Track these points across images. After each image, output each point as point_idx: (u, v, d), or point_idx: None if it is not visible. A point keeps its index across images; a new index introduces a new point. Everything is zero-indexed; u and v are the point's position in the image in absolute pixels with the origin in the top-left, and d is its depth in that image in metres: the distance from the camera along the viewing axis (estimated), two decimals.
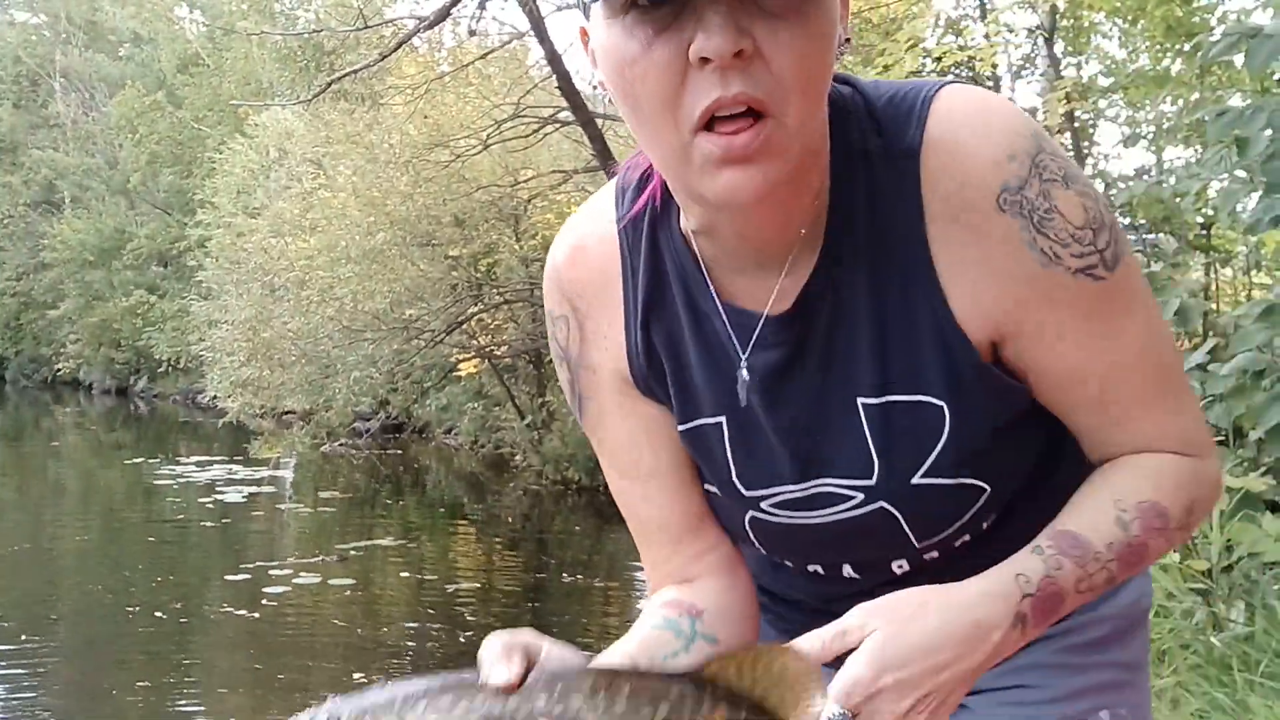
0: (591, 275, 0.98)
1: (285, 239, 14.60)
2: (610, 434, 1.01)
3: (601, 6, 0.79)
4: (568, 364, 1.01)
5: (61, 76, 35.93)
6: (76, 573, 9.36)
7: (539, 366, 15.38)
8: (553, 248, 1.02)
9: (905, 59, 8.27)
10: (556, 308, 1.01)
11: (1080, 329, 0.87)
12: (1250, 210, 3.35)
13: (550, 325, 1.03)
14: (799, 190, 0.86)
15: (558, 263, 1.01)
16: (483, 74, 13.72)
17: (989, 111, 0.86)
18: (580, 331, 0.99)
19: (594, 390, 1.00)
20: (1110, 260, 0.86)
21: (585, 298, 0.98)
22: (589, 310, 0.98)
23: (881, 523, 0.94)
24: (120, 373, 31.66)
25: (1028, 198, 0.84)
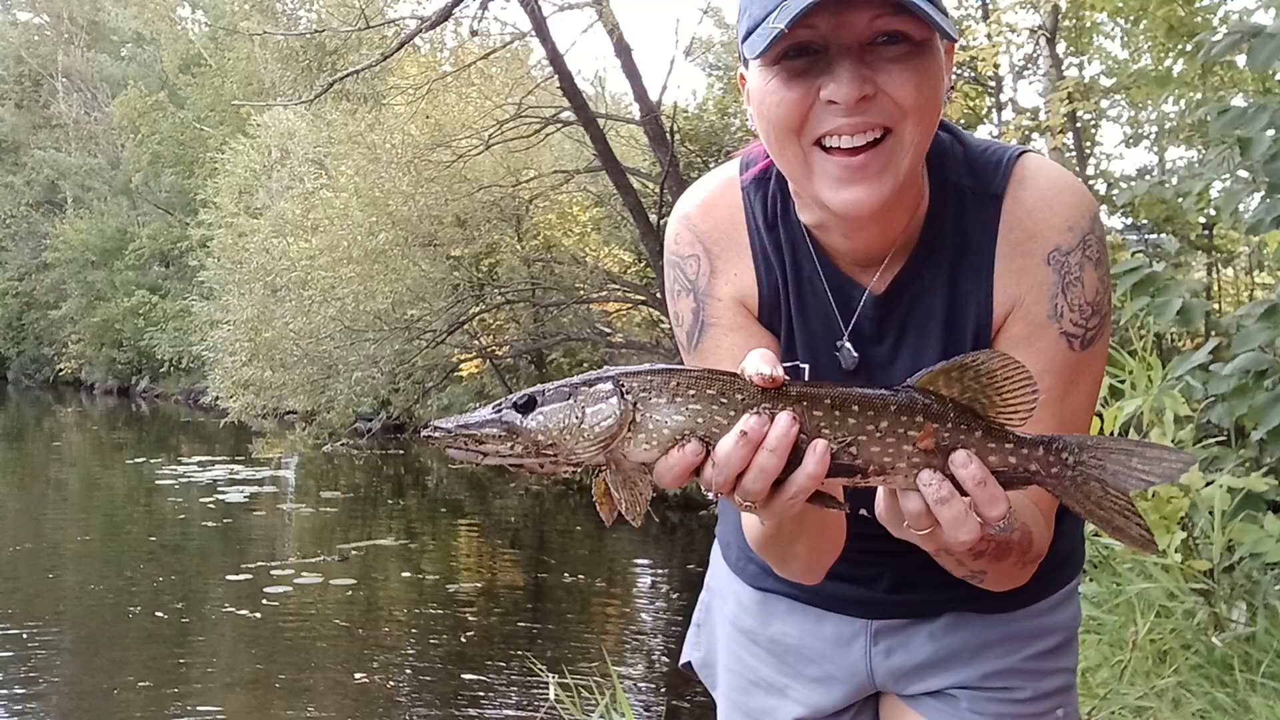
0: (722, 224, 1.21)
1: (287, 239, 14.60)
2: (728, 353, 1.16)
3: (757, 60, 1.03)
4: (694, 295, 1.20)
5: (64, 77, 35.96)
6: (77, 573, 9.36)
7: (540, 366, 15.38)
8: (681, 204, 1.24)
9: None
10: (687, 248, 1.21)
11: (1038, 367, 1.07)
12: (1252, 210, 3.35)
13: (676, 266, 1.21)
14: (900, 211, 1.12)
15: (689, 213, 1.22)
16: (484, 74, 13.72)
17: (1068, 188, 1.14)
18: (711, 267, 1.19)
19: (717, 317, 1.19)
20: (1088, 341, 1.13)
21: (718, 241, 1.20)
22: (720, 252, 1.20)
23: None
24: (122, 373, 31.68)
25: (1069, 262, 1.12)
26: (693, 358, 1.19)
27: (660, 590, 9.35)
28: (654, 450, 0.87)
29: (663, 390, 0.87)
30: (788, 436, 0.88)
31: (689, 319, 1.20)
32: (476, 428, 0.87)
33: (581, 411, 0.86)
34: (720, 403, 0.87)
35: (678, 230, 1.22)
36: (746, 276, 1.19)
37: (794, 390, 0.89)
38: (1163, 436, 3.03)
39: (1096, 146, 11.19)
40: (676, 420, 0.86)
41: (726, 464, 0.88)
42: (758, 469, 0.88)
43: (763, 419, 0.87)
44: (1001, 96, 11.40)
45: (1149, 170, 11.07)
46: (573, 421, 0.86)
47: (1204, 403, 3.25)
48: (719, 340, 1.18)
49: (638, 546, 11.08)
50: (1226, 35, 3.14)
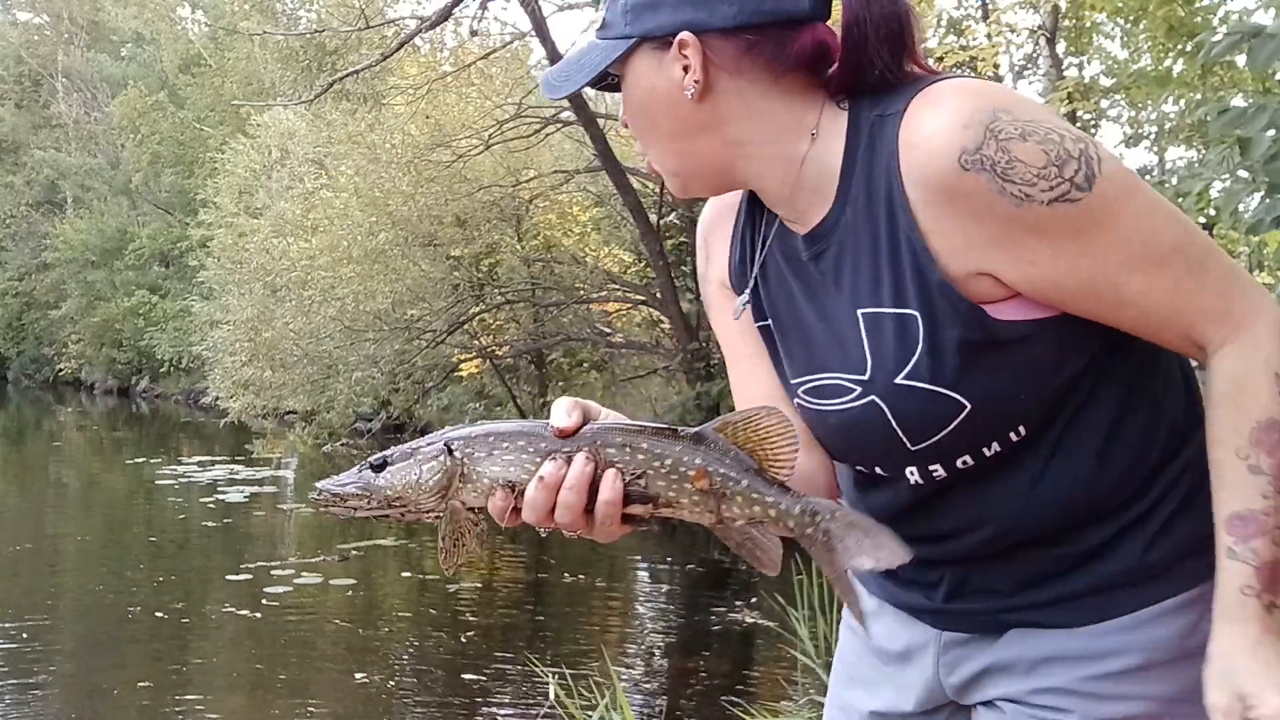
0: (718, 211, 1.29)
1: (287, 239, 14.61)
2: (724, 333, 1.29)
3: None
4: (701, 282, 1.32)
5: (64, 77, 35.98)
6: (77, 573, 9.36)
7: (540, 366, 15.39)
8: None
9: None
10: (699, 239, 1.33)
11: (1074, 249, 1.01)
12: (1252, 210, 3.34)
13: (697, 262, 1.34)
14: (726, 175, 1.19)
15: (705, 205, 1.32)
16: (484, 74, 13.73)
17: (955, 91, 1.04)
18: (706, 254, 1.30)
19: (710, 298, 1.30)
20: (1084, 181, 1.00)
21: (712, 229, 1.30)
22: (713, 240, 1.29)
23: (876, 417, 1.11)
24: (122, 373, 31.68)
25: (986, 155, 1.00)
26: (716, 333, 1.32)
27: (660, 590, 9.35)
28: (480, 497, 1.02)
29: (482, 445, 1.02)
30: (583, 475, 1.00)
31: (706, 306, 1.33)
32: (341, 488, 1.03)
33: (419, 468, 1.01)
34: (527, 452, 1.01)
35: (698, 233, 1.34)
36: (722, 259, 1.28)
37: (589, 432, 1.01)
38: None
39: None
40: (494, 470, 1.01)
41: (533, 504, 1.02)
42: (563, 506, 1.01)
43: (559, 463, 1.00)
44: None
45: (1149, 170, 11.07)
46: (412, 478, 1.02)
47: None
48: (717, 319, 1.30)
49: (638, 546, 11.08)
50: (1226, 35, 3.14)
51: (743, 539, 1.05)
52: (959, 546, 1.16)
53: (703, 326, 12.71)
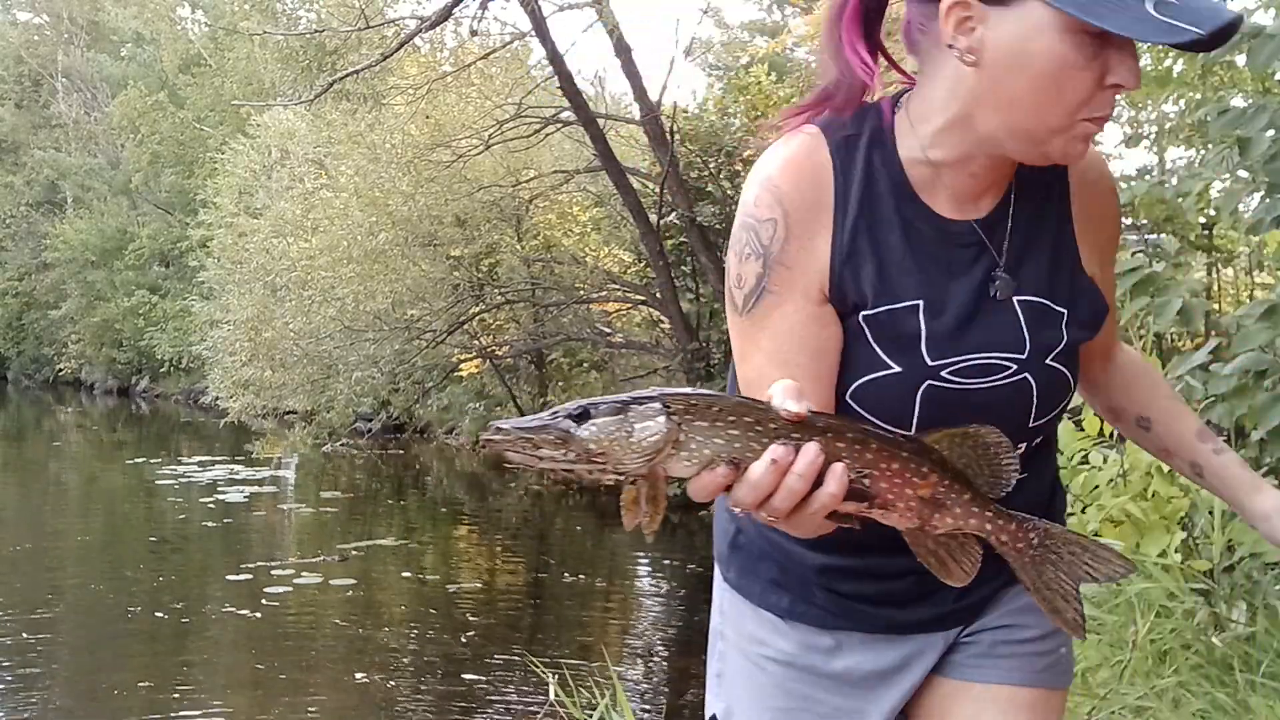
0: (805, 187, 1.18)
1: (287, 239, 14.60)
2: (779, 324, 1.18)
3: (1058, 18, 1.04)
4: (764, 260, 1.18)
5: (64, 76, 35.96)
6: (77, 573, 9.36)
7: (540, 366, 15.39)
8: (762, 165, 1.21)
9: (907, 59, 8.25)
10: (766, 211, 1.18)
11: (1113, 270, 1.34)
12: (1252, 210, 3.34)
13: (751, 229, 1.19)
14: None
15: (772, 174, 1.19)
16: (484, 74, 13.72)
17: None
18: (787, 233, 1.17)
19: (780, 285, 1.18)
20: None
21: (798, 206, 1.18)
22: (800, 217, 1.17)
23: (1021, 393, 1.22)
24: (122, 373, 31.67)
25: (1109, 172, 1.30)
26: (743, 320, 1.20)
27: (660, 590, 9.35)
28: (693, 468, 0.96)
29: (705, 414, 0.96)
30: (814, 465, 0.97)
31: (751, 282, 1.19)
32: (534, 433, 0.94)
33: (631, 426, 0.94)
34: (755, 430, 0.96)
35: (758, 193, 1.19)
36: (823, 245, 1.18)
37: (819, 422, 0.99)
38: None
39: (1097, 146, 11.16)
40: (715, 443, 0.96)
41: (756, 485, 0.97)
42: (788, 491, 0.97)
43: (789, 448, 0.96)
44: None
45: (1149, 170, 11.06)
46: (622, 434, 0.94)
47: (1204, 403, 3.25)
48: (776, 307, 1.18)
49: (638, 546, 11.08)
50: None
51: (936, 548, 1.05)
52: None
53: (702, 326, 12.71)
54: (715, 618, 1.50)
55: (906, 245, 1.18)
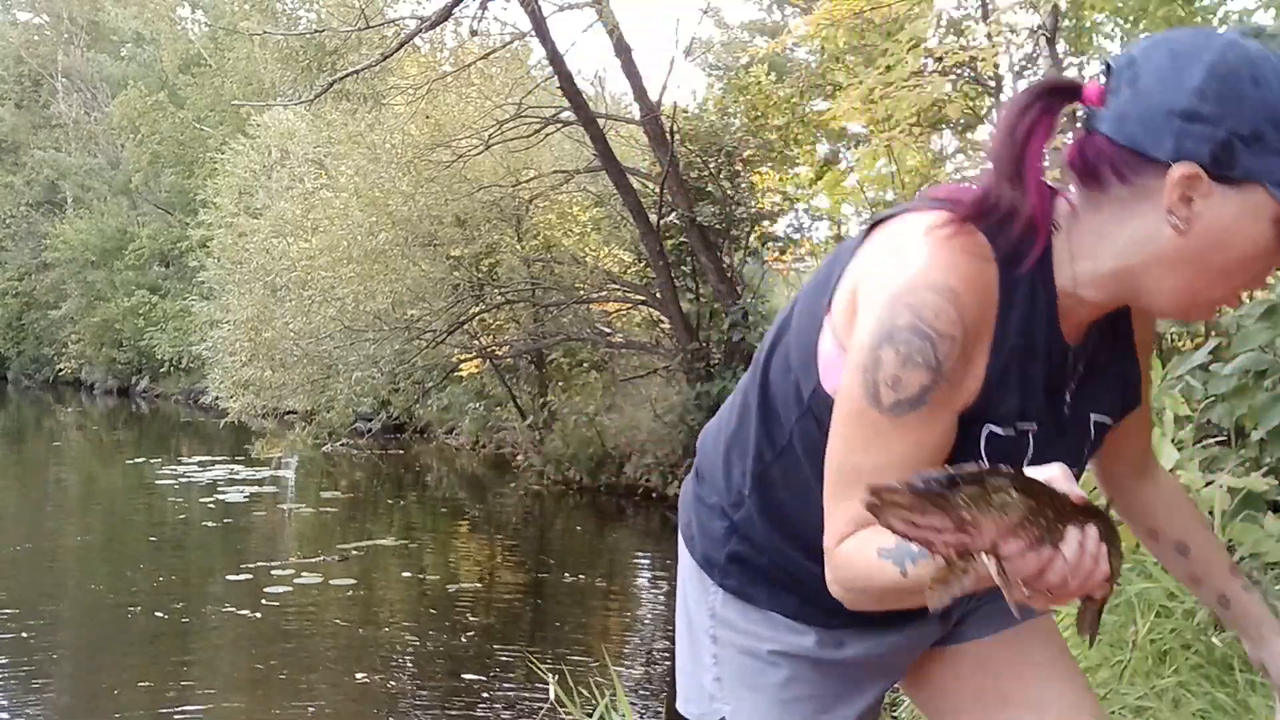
0: (984, 309, 1.17)
1: (287, 239, 14.60)
2: (923, 436, 1.17)
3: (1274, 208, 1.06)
4: (935, 374, 1.15)
5: (64, 76, 35.97)
6: (77, 573, 9.36)
7: (540, 366, 15.39)
8: (946, 275, 1.14)
9: (907, 59, 8.26)
10: (949, 328, 1.14)
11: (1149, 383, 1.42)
12: None
13: (928, 339, 1.14)
14: None
15: (958, 291, 1.14)
16: (484, 74, 13.72)
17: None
18: (963, 353, 1.16)
19: (940, 401, 1.16)
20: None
21: (974, 325, 1.16)
22: (974, 338, 1.16)
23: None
24: (122, 373, 31.67)
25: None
26: (880, 417, 1.16)
27: (661, 590, 9.35)
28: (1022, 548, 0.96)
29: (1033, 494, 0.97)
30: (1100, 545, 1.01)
31: (912, 391, 1.15)
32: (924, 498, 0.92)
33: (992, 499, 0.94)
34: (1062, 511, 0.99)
35: (941, 305, 1.13)
36: (980, 366, 1.18)
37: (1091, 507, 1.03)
38: (1163, 436, 3.03)
39: None
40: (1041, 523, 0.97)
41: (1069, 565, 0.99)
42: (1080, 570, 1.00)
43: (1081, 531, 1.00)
44: (1002, 96, 11.40)
45: None
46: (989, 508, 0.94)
47: (1204, 403, 3.25)
48: (927, 421, 1.17)
49: (638, 546, 11.08)
50: None
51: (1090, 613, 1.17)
52: None
53: (702, 326, 12.71)
54: (704, 622, 1.50)
55: (1042, 371, 1.23)
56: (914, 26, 8.51)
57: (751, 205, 13.17)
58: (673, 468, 12.04)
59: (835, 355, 1.22)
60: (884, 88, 8.65)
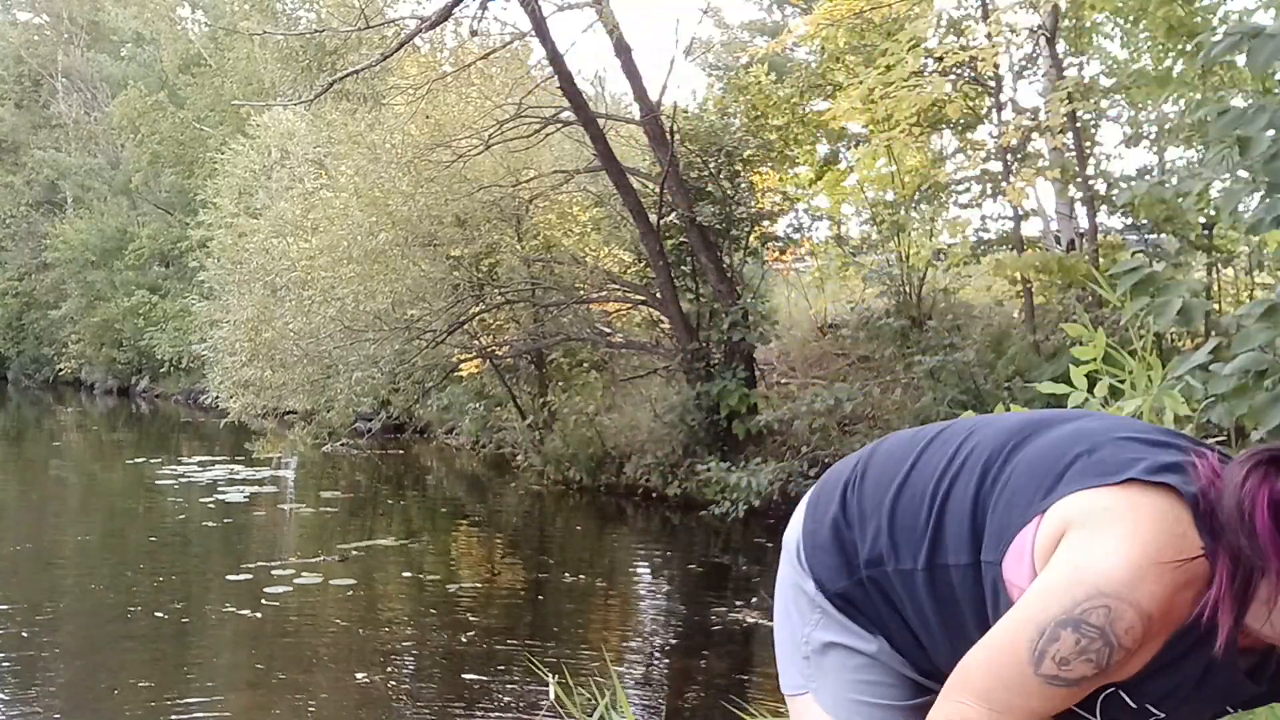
0: (1166, 627, 1.22)
1: (287, 239, 14.59)
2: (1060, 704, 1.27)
3: None
4: (1097, 670, 1.23)
5: (64, 76, 35.96)
6: (77, 573, 9.36)
7: (540, 367, 15.38)
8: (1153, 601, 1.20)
9: (907, 59, 8.27)
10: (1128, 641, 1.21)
11: None
12: (1252, 210, 3.34)
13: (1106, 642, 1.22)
14: None
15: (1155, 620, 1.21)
16: (484, 74, 13.72)
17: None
18: (1128, 660, 1.23)
19: (1090, 687, 1.26)
20: None
21: (1151, 639, 1.22)
22: (1146, 645, 1.23)
23: None
24: (122, 373, 31.66)
25: None
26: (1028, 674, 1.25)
27: (660, 590, 9.35)
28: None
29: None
30: None
31: (1073, 678, 1.24)
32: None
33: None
34: None
35: (1135, 625, 1.21)
36: (1144, 660, 1.25)
37: None
38: None
39: (1096, 146, 11.18)
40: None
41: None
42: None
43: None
44: (1001, 96, 11.40)
45: (1149, 170, 11.06)
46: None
47: (1204, 403, 3.25)
48: (1071, 696, 1.27)
49: (638, 546, 11.08)
50: (1226, 35, 3.14)
51: None
52: None
53: (702, 326, 12.70)
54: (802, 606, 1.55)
55: (1200, 685, 1.28)
56: (914, 26, 8.52)
57: (751, 205, 13.17)
58: (673, 468, 12.04)
59: (1024, 566, 1.28)
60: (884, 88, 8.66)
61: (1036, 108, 11.09)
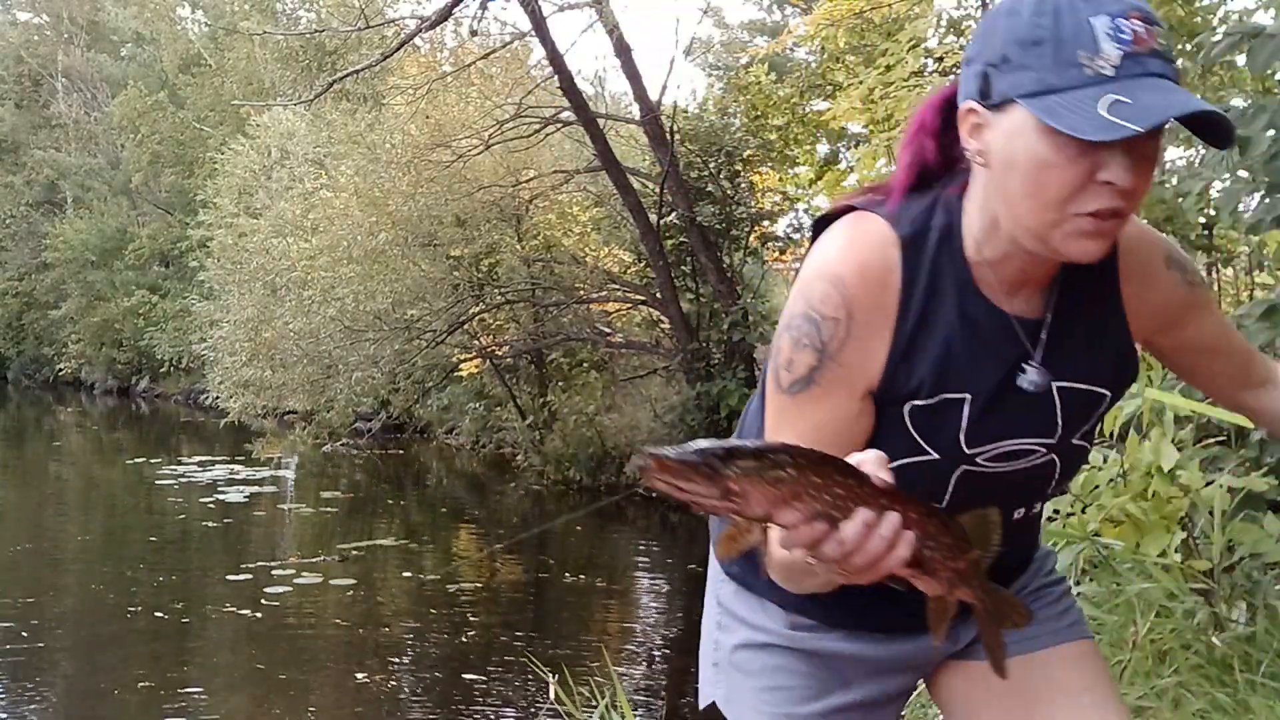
0: (874, 291, 1.22)
1: (287, 239, 14.60)
2: (818, 415, 1.24)
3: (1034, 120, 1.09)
4: (820, 354, 1.22)
5: (63, 76, 35.96)
6: (77, 573, 9.36)
7: (540, 366, 15.38)
8: (831, 260, 1.24)
9: (907, 59, 8.27)
10: (832, 310, 1.21)
11: (1211, 314, 1.41)
12: (1252, 210, 3.34)
13: (812, 321, 1.23)
14: None
15: (844, 276, 1.22)
16: (484, 74, 13.73)
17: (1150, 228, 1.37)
18: (848, 334, 1.22)
19: (829, 381, 1.23)
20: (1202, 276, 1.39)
21: (865, 309, 1.21)
22: (864, 319, 1.21)
23: (1046, 470, 1.32)
24: (122, 373, 31.66)
25: (1176, 257, 1.35)
26: (783, 398, 1.26)
27: (660, 590, 9.36)
28: (799, 520, 1.01)
29: (820, 472, 1.02)
30: (896, 531, 1.03)
31: (801, 371, 1.23)
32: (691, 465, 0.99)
33: (766, 474, 0.99)
34: (855, 493, 1.02)
35: (826, 290, 1.22)
36: (881, 345, 1.23)
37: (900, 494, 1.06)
38: (1163, 436, 3.03)
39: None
40: (824, 499, 1.02)
41: (845, 543, 1.02)
42: (867, 551, 1.03)
43: (875, 513, 1.03)
44: None
45: None
46: (758, 480, 0.99)
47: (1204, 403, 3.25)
48: (819, 400, 1.24)
49: (638, 546, 11.09)
50: (1226, 35, 3.14)
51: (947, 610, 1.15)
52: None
53: (702, 326, 12.71)
54: (712, 609, 1.61)
55: (965, 340, 1.24)
56: (914, 26, 8.52)
57: (751, 205, 13.18)
58: None
59: None
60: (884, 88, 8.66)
61: None
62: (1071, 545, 3.12)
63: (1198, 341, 1.40)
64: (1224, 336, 1.43)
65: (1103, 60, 1.07)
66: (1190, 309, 1.36)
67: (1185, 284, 1.35)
